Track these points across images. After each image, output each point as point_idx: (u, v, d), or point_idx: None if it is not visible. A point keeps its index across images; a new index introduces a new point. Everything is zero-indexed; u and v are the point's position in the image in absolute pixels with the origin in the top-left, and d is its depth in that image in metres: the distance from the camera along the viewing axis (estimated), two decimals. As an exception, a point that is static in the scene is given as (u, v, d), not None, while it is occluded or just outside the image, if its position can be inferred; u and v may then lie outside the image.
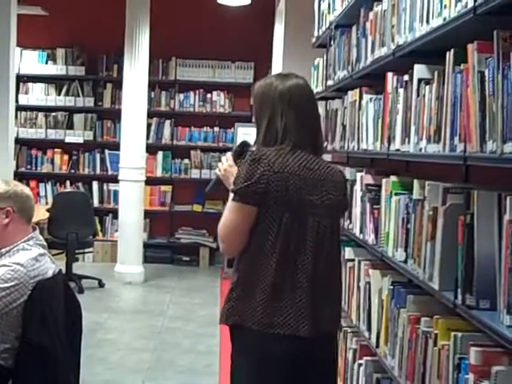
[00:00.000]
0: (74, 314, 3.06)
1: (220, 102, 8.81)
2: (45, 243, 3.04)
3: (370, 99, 3.40)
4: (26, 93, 8.75)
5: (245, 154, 2.48)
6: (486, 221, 2.01)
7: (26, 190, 3.04)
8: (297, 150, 2.42)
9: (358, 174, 3.51)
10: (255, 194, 2.34)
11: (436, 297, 2.33)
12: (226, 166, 2.57)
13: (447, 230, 2.23)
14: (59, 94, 8.79)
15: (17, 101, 8.02)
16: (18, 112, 8.41)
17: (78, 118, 8.81)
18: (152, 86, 8.38)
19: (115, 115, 8.49)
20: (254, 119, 2.58)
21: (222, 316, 2.49)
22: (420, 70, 2.61)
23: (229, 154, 2.63)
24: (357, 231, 3.55)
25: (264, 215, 2.36)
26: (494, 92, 1.87)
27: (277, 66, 7.32)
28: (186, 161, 8.83)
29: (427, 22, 2.45)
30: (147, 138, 8.06)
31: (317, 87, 5.28)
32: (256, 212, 2.36)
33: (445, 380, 2.20)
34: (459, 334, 2.14)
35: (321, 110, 5.01)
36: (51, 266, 2.98)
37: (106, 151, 8.79)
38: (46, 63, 8.77)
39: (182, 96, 8.80)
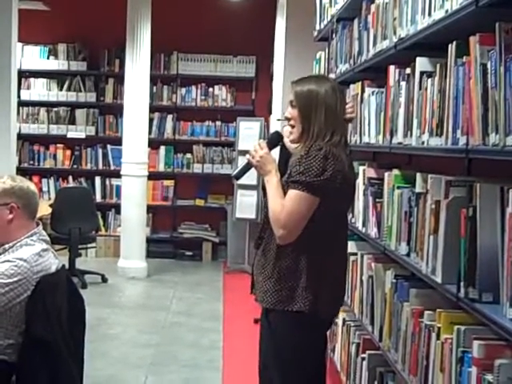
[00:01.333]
0: (78, 309, 3.06)
1: (222, 96, 8.80)
2: (48, 238, 3.05)
3: (372, 92, 3.39)
4: (28, 88, 8.75)
5: (277, 144, 2.74)
6: (488, 214, 2.00)
7: (32, 187, 3.04)
8: (345, 145, 2.69)
9: (361, 168, 3.51)
10: (325, 188, 2.51)
11: (439, 290, 2.33)
12: (263, 153, 2.66)
13: (450, 223, 2.23)
14: (61, 90, 8.78)
15: (19, 96, 7.99)
16: (20, 107, 8.39)
17: (79, 113, 8.80)
18: (154, 80, 8.37)
19: (117, 110, 8.49)
20: (295, 114, 2.66)
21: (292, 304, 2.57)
22: (422, 63, 2.61)
23: (263, 142, 2.71)
24: (359, 225, 3.55)
25: (324, 206, 2.54)
26: (497, 84, 1.87)
27: (279, 60, 7.31)
28: (189, 155, 8.83)
29: (429, 14, 2.44)
30: (149, 132, 8.06)
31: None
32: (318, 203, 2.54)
33: (448, 373, 2.20)
34: (462, 328, 2.14)
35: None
36: (54, 261, 2.98)
37: (109, 146, 8.78)
38: (48, 58, 8.76)
39: (183, 90, 8.79)
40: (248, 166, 2.74)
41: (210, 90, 8.78)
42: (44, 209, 6.78)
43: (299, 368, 2.62)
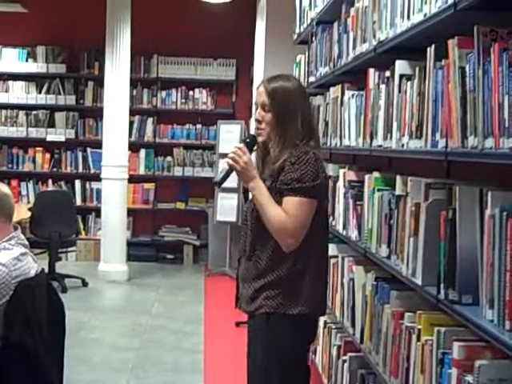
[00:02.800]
0: (57, 313, 3.04)
1: (202, 99, 8.79)
2: (26, 242, 3.02)
3: (352, 95, 3.40)
4: (7, 91, 8.67)
5: (253, 147, 2.67)
6: (467, 216, 2.02)
7: (4, 189, 3.00)
8: (320, 147, 2.72)
9: (341, 171, 3.52)
10: (322, 190, 2.59)
11: (419, 292, 2.34)
12: (246, 158, 2.59)
13: (430, 226, 2.24)
14: (40, 92, 8.72)
15: (-3, 99, 7.96)
16: (-1, 110, 8.35)
17: (59, 117, 8.74)
18: (134, 83, 8.34)
19: (97, 113, 8.44)
20: (271, 118, 2.61)
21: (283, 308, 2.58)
22: (401, 66, 2.62)
23: (243, 146, 2.62)
24: (340, 227, 3.56)
25: (318, 208, 2.58)
26: (475, 87, 1.88)
27: (259, 63, 7.31)
28: (169, 158, 8.81)
29: (408, 17, 2.46)
30: (129, 135, 8.02)
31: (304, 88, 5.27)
32: None
33: (428, 375, 2.21)
34: (442, 329, 2.15)
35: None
36: (33, 265, 2.95)
37: (88, 149, 8.73)
38: (27, 61, 8.70)
39: (164, 93, 8.77)
40: (230, 171, 2.65)
41: (191, 93, 8.77)
42: (23, 212, 6.73)
43: (301, 367, 2.68)
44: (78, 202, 8.60)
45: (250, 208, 2.65)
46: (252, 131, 2.69)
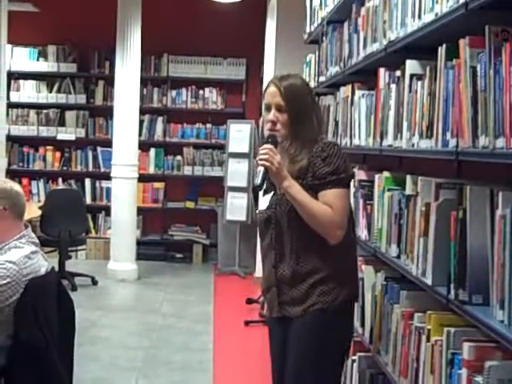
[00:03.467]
0: (67, 311, 3.05)
1: (212, 98, 8.80)
2: (37, 241, 3.03)
3: (363, 95, 3.40)
4: (18, 90, 8.71)
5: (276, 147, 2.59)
6: (478, 216, 2.01)
7: (16, 187, 3.02)
8: None
9: (351, 170, 3.50)
10: (350, 179, 2.66)
11: (429, 292, 2.34)
12: (279, 158, 2.52)
13: (440, 226, 2.23)
14: (51, 91, 8.75)
15: (8, 98, 7.99)
16: (10, 109, 8.38)
17: (69, 115, 8.78)
18: (144, 82, 8.35)
19: (107, 112, 8.47)
20: (288, 114, 2.59)
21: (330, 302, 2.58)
22: (412, 66, 2.61)
23: (273, 147, 2.55)
24: (350, 227, 3.54)
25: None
26: (486, 87, 1.87)
27: (269, 63, 7.31)
28: (179, 157, 8.82)
29: (419, 17, 2.45)
30: (139, 134, 8.04)
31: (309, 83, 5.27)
32: None
33: (438, 375, 2.20)
34: (452, 330, 2.14)
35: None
36: (44, 263, 2.97)
37: (99, 148, 8.76)
38: (38, 60, 8.74)
39: (174, 92, 8.78)
40: (266, 173, 2.53)
41: (201, 92, 8.77)
42: (33, 211, 6.76)
43: (347, 354, 2.81)
44: (88, 200, 8.62)
45: (284, 209, 2.59)
46: (265, 131, 2.66)
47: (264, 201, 2.70)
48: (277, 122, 2.60)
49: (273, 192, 2.66)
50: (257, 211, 2.76)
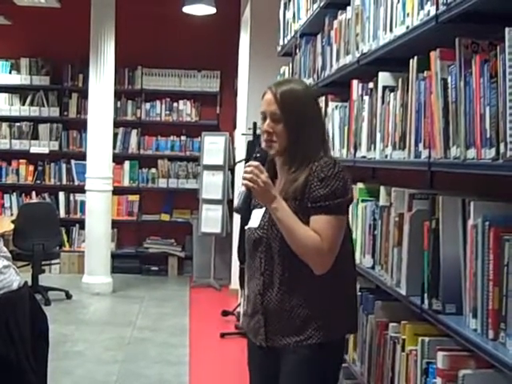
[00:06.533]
0: (41, 326, 3.02)
1: (186, 110, 8.80)
2: (9, 255, 3.00)
3: (336, 107, 3.42)
4: (-10, 103, 8.64)
5: (265, 162, 2.36)
6: (450, 226, 2.03)
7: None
8: None
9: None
10: (349, 204, 2.34)
11: (403, 302, 2.35)
12: (265, 178, 2.26)
13: (413, 236, 2.25)
14: (23, 104, 8.69)
15: (-20, 111, 7.92)
16: (-18, 123, 8.31)
17: (43, 128, 8.71)
18: (118, 95, 8.33)
19: (81, 125, 8.43)
20: (287, 124, 2.33)
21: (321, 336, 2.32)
22: (384, 78, 2.64)
23: (258, 164, 2.29)
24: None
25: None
26: (457, 99, 1.90)
27: (243, 75, 7.33)
28: (153, 170, 8.80)
29: (390, 30, 2.48)
30: (114, 147, 8.00)
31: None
32: None
33: (413, 385, 2.21)
34: (426, 339, 2.16)
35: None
36: (16, 278, 2.94)
37: (72, 161, 8.71)
38: (10, 73, 8.67)
39: (148, 105, 8.77)
40: (249, 194, 2.31)
41: (175, 104, 8.77)
42: (6, 225, 6.69)
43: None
44: (62, 214, 8.56)
45: (277, 232, 2.31)
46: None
47: (255, 217, 2.43)
48: (272, 133, 2.34)
49: (265, 208, 2.36)
50: (246, 227, 2.47)
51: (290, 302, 2.31)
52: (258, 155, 2.35)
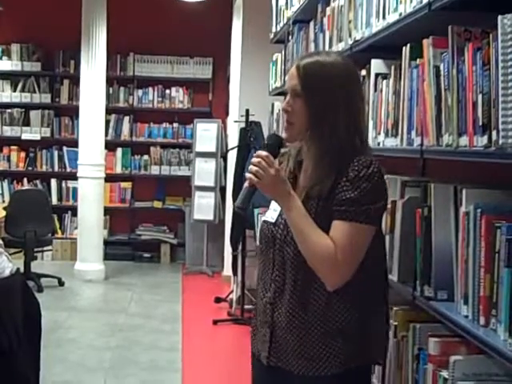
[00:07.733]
0: (33, 313, 3.02)
1: (179, 97, 8.77)
2: (1, 242, 2.99)
3: (329, 94, 3.41)
4: (-19, 89, 8.59)
5: (279, 151, 1.99)
6: (442, 213, 2.04)
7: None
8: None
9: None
10: (382, 213, 1.98)
11: (395, 289, 2.36)
12: (274, 171, 1.89)
13: (405, 223, 2.26)
14: (15, 91, 8.64)
15: (-29, 98, 7.88)
16: (-27, 109, 8.27)
17: (34, 115, 8.67)
18: (110, 81, 8.30)
19: (73, 112, 8.39)
20: (309, 109, 1.94)
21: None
22: (377, 65, 2.64)
23: (268, 155, 1.91)
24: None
25: (378, 232, 1.98)
26: (449, 86, 1.90)
27: (235, 62, 7.32)
28: (146, 157, 8.78)
29: (383, 17, 2.48)
30: (106, 134, 7.98)
31: (275, 82, 5.29)
32: None
33: (405, 371, 2.23)
34: (418, 325, 2.17)
35: (280, 106, 5.03)
36: (8, 265, 2.93)
37: (64, 148, 8.68)
38: (1, 59, 8.60)
39: (140, 92, 8.74)
40: (254, 191, 1.93)
41: (167, 91, 8.74)
42: (-2, 212, 6.68)
43: None
44: (54, 200, 8.54)
45: (289, 236, 1.96)
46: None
47: (272, 208, 2.06)
48: (291, 112, 1.97)
49: None
50: (262, 218, 2.12)
51: (302, 317, 1.95)
52: (269, 143, 2.00)
